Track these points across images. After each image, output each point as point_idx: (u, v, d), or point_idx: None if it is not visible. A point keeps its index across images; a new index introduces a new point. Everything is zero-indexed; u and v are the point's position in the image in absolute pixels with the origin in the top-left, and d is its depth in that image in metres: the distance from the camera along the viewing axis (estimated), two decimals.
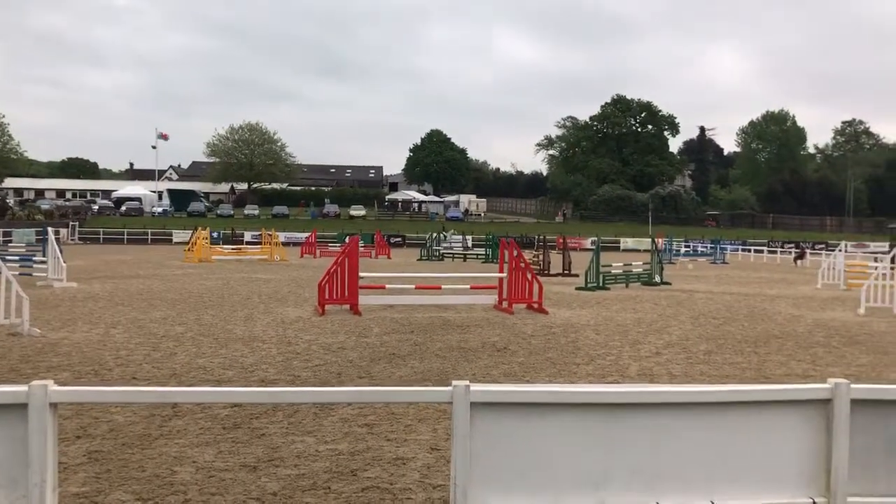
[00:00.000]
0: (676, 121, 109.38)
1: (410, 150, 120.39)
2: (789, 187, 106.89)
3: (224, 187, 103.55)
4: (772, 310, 17.99)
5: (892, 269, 18.41)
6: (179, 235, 61.49)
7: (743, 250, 56.78)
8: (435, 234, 48.00)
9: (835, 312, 17.78)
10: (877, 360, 11.19)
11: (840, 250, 30.07)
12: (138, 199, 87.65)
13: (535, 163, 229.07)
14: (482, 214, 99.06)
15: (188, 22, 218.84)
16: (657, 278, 25.48)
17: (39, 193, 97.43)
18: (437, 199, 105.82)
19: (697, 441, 3.68)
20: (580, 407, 3.61)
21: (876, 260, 30.29)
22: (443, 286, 18.00)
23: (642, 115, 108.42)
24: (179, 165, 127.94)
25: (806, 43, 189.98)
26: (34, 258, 23.49)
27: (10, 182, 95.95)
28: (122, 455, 5.98)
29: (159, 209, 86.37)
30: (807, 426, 3.73)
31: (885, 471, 3.69)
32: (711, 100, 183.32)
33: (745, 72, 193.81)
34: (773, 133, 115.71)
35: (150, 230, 67.51)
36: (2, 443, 3.51)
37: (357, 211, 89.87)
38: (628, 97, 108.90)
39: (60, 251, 21.31)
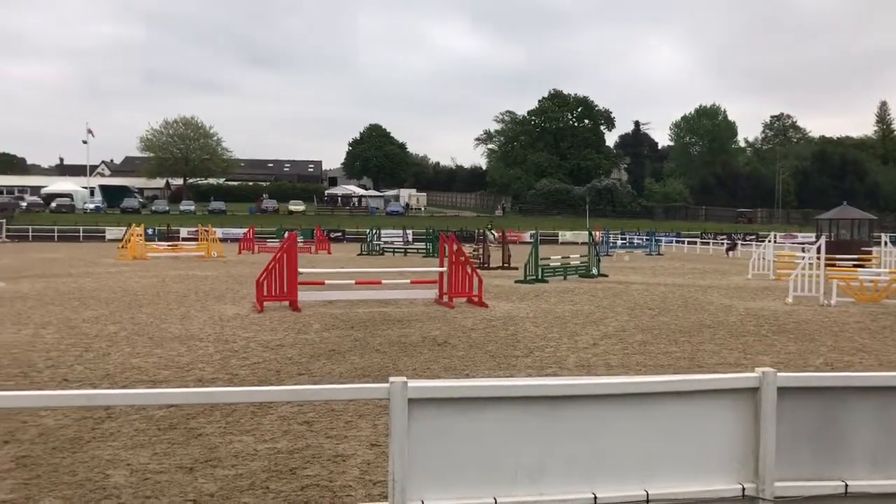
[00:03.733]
0: (612, 115, 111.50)
1: (350, 145, 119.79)
2: (721, 180, 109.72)
3: (158, 182, 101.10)
4: (705, 300, 18.44)
5: (818, 258, 19.05)
6: (113, 232, 59.80)
7: (677, 242, 58.10)
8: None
9: (765, 302, 18.31)
10: (804, 348, 11.58)
11: (769, 241, 31.02)
12: (69, 196, 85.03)
13: (474, 157, 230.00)
14: (423, 209, 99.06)
15: (112, 10, 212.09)
16: (594, 270, 25.87)
17: None
18: (377, 193, 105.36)
19: (633, 431, 3.75)
20: (518, 401, 3.64)
21: (803, 250, 31.31)
22: (383, 281, 17.95)
23: (579, 109, 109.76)
24: (112, 161, 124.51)
25: (738, 38, 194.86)
26: None
27: None
28: (52, 460, 5.81)
29: (91, 205, 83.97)
30: (736, 414, 3.84)
31: (809, 456, 3.83)
32: (646, 94, 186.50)
33: (678, 66, 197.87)
34: (706, 127, 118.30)
35: (81, 227, 65.57)
36: None
37: (296, 206, 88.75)
38: (565, 92, 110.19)
39: None
